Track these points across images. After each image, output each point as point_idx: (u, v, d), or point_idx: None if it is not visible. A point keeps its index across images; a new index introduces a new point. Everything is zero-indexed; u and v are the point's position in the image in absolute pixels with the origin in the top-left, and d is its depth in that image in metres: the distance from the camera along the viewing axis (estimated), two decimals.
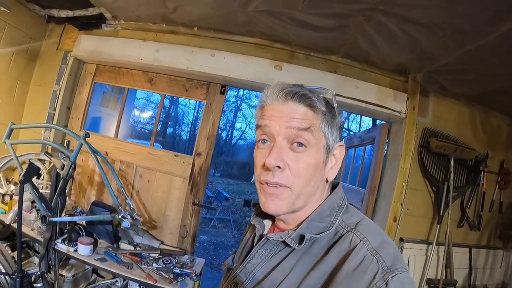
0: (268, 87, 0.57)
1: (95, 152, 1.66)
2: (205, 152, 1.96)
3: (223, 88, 1.94)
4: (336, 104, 0.57)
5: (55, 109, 2.10)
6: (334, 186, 0.61)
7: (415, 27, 1.41)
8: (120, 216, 1.51)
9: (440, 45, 1.52)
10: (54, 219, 1.54)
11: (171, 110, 14.49)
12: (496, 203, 2.18)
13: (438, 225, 1.91)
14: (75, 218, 1.68)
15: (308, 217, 0.56)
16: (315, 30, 1.62)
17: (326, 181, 0.58)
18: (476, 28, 1.31)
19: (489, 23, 1.25)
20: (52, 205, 1.54)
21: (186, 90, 2.01)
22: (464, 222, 2.06)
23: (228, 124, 16.58)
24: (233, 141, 17.05)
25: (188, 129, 14.98)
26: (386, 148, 2.08)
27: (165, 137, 13.61)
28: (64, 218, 1.63)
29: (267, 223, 0.65)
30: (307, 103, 0.53)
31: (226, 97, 2.00)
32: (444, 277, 1.91)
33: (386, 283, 0.45)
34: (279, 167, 0.52)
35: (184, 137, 14.99)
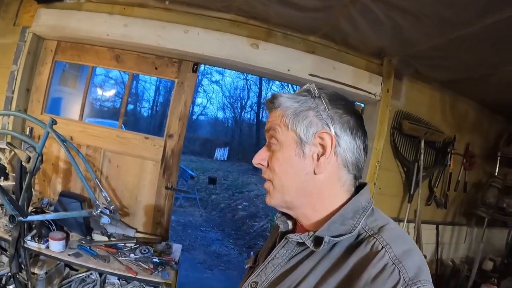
0: None
1: (64, 141, 1.49)
2: (177, 133, 1.87)
3: (195, 66, 1.85)
4: (317, 93, 0.56)
5: (13, 92, 1.89)
6: (359, 187, 0.59)
7: (402, 14, 1.39)
8: (98, 212, 1.38)
9: (423, 32, 1.53)
10: (24, 218, 1.38)
11: (131, 86, 13.89)
12: (461, 183, 2.32)
13: (409, 204, 1.99)
14: (47, 217, 1.50)
15: (329, 218, 0.54)
16: (297, 9, 1.56)
17: (315, 173, 0.56)
18: (462, 18, 1.31)
19: (477, 15, 1.25)
20: (19, 203, 1.40)
21: (156, 68, 1.89)
22: (432, 200, 2.17)
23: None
24: (194, 117, 16.65)
25: (149, 106, 14.35)
26: None
27: (127, 115, 13.00)
28: (36, 216, 1.46)
29: (290, 222, 0.65)
30: (271, 106, 0.58)
31: None
32: None
33: None
34: (262, 165, 0.58)
35: (145, 114, 14.35)
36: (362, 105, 2.08)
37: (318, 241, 0.52)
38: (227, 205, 6.49)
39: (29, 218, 1.41)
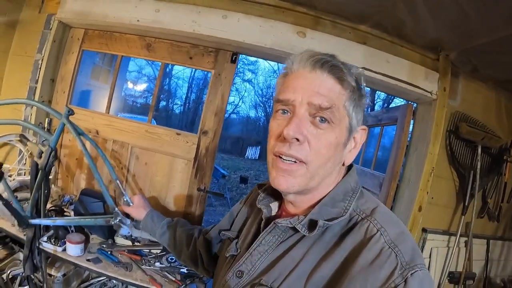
0: (295, 54, 0.54)
1: (80, 134, 1.31)
2: (212, 130, 1.70)
3: (234, 56, 1.67)
4: (364, 84, 0.53)
5: (36, 82, 1.77)
6: (347, 169, 0.58)
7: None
8: (117, 221, 1.20)
9: (488, 22, 1.34)
10: (33, 221, 1.24)
11: (164, 83, 13.90)
12: None
13: (463, 216, 1.79)
14: (57, 222, 1.33)
15: (319, 201, 0.52)
16: None
17: (343, 164, 0.55)
18: None
19: None
20: (30, 203, 1.24)
21: (191, 58, 1.73)
22: (485, 213, 1.96)
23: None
24: (226, 115, 16.94)
25: (181, 103, 14.51)
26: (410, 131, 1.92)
27: (158, 111, 13.10)
28: (45, 221, 1.30)
29: (274, 206, 0.61)
30: (337, 76, 0.50)
31: None
32: (465, 270, 1.81)
33: (405, 281, 0.42)
34: (298, 139, 0.48)
35: (177, 111, 14.52)
36: (415, 105, 1.88)
37: (310, 225, 0.49)
38: None
39: (33, 222, 1.24)
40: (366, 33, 1.68)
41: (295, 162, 0.49)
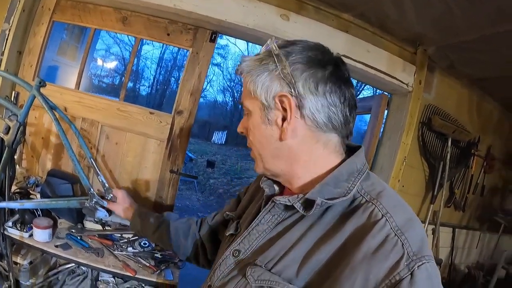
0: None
1: (53, 108, 1.19)
2: (187, 110, 1.65)
3: (213, 35, 1.62)
4: (276, 51, 0.49)
5: (2, 54, 1.62)
6: (351, 150, 0.54)
7: None
8: (92, 203, 1.10)
9: (474, 20, 1.38)
10: None
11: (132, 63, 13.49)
12: (480, 186, 2.22)
13: (432, 205, 1.87)
14: (26, 205, 1.19)
15: (319, 181, 0.49)
16: None
17: (283, 138, 0.50)
18: None
19: None
20: None
21: (168, 34, 1.65)
22: (451, 202, 2.06)
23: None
24: None
25: (149, 84, 13.98)
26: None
27: (126, 92, 12.62)
28: (12, 204, 1.16)
29: (278, 186, 0.60)
30: (239, 73, 0.53)
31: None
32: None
33: (411, 274, 0.39)
34: (242, 133, 0.57)
35: (143, 93, 13.95)
36: (389, 95, 1.92)
37: (309, 204, 0.47)
38: (226, 191, 6.33)
39: (4, 204, 1.12)
40: (349, 22, 1.69)
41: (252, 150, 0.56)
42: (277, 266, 0.47)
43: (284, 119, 0.49)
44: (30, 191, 1.54)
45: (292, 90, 0.47)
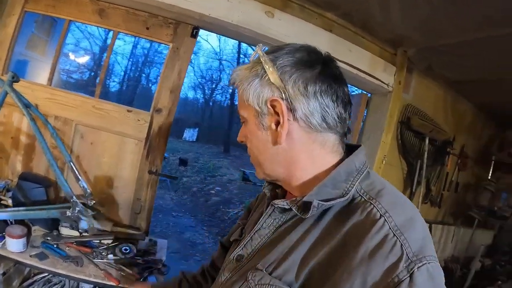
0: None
1: (27, 106, 1.08)
2: (167, 108, 1.59)
3: (195, 31, 1.57)
4: (264, 58, 0.49)
5: None
6: (350, 150, 0.53)
7: (445, 1, 1.26)
8: (75, 213, 0.99)
9: (460, 24, 1.41)
10: None
11: (102, 58, 12.28)
12: (454, 183, 2.33)
13: None
14: (1, 216, 1.13)
15: (318, 182, 0.48)
16: None
17: (278, 142, 0.50)
18: (504, 18, 1.22)
19: None
20: None
21: (147, 28, 1.58)
22: (428, 199, 2.14)
23: (159, 77, 16.04)
24: None
25: (119, 81, 13.27)
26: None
27: (94, 88, 11.93)
28: None
29: (279, 191, 0.61)
30: (232, 84, 0.55)
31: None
32: None
33: (411, 276, 0.38)
34: (243, 141, 0.58)
35: (113, 90, 13.25)
36: (369, 95, 1.96)
37: (306, 206, 0.47)
38: (199, 189, 6.22)
39: None
40: (332, 21, 1.69)
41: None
42: (278, 270, 0.47)
43: (278, 123, 0.50)
44: (1, 197, 1.42)
45: (283, 93, 0.48)
